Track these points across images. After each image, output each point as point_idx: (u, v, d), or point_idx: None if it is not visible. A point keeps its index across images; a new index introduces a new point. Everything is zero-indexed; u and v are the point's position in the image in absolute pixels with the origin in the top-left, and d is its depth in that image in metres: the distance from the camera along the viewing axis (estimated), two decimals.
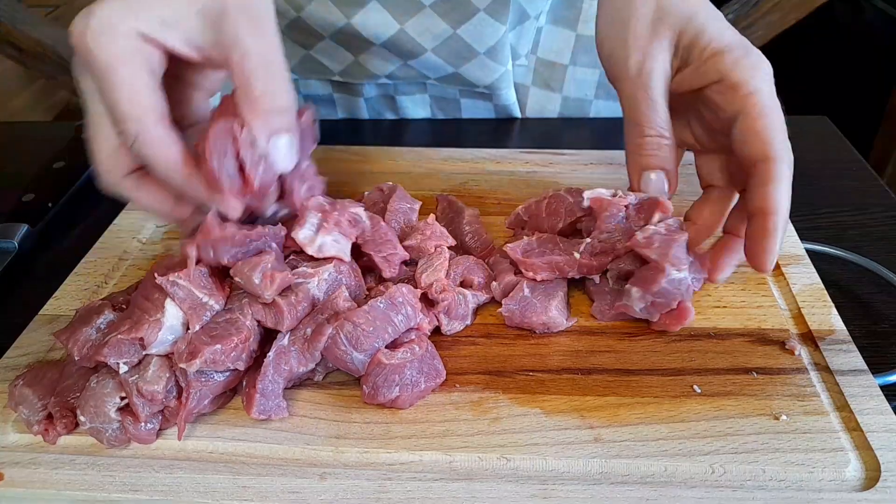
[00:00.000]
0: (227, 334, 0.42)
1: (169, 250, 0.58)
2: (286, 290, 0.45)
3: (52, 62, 1.69)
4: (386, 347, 0.45)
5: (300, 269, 0.46)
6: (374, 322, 0.44)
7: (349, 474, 0.40)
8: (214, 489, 0.40)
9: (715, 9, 0.49)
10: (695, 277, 0.47)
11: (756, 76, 0.45)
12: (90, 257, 0.57)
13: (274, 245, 0.46)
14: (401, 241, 0.52)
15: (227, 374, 0.43)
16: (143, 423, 0.41)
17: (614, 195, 0.50)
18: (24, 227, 0.61)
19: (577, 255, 0.50)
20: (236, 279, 0.44)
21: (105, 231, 0.60)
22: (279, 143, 0.42)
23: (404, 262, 0.52)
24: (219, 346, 0.41)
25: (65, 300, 0.53)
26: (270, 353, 0.43)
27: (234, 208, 0.43)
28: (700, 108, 0.49)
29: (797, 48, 1.79)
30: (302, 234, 0.47)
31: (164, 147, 0.41)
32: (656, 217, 0.48)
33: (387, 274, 0.50)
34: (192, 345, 0.42)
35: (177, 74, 0.44)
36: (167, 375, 0.42)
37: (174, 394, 0.42)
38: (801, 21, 1.52)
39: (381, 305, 0.45)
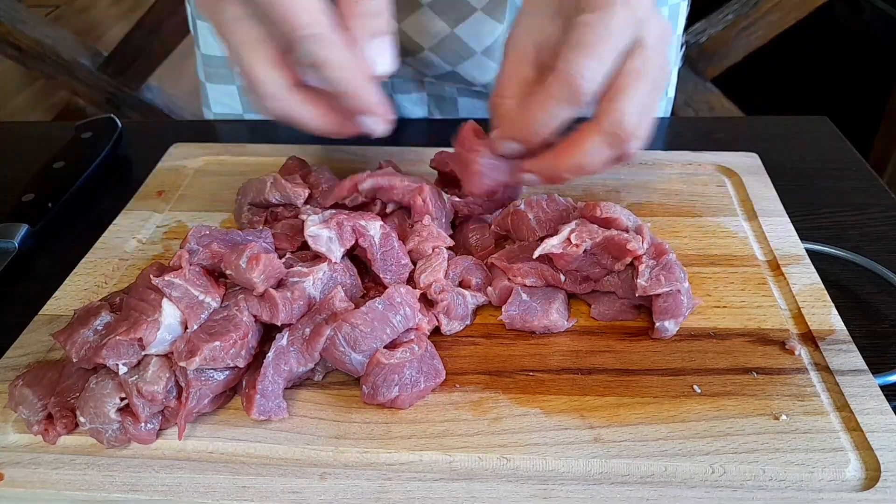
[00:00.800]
0: (226, 331, 0.42)
1: (169, 250, 0.58)
2: (280, 286, 0.45)
3: (52, 62, 1.69)
4: (385, 347, 0.45)
5: (295, 269, 0.46)
6: (372, 323, 0.44)
7: (349, 474, 0.40)
8: (214, 489, 0.40)
9: None
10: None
11: (607, 7, 0.42)
12: (90, 257, 0.57)
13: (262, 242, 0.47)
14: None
15: (227, 372, 0.43)
16: (143, 424, 0.41)
17: (567, 243, 0.49)
18: (24, 227, 0.61)
19: (562, 278, 0.51)
20: (227, 272, 0.44)
21: (105, 231, 0.60)
22: (377, 44, 0.46)
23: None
24: (218, 343, 0.41)
25: (65, 300, 0.53)
26: (270, 354, 0.43)
27: (387, 123, 0.47)
28: None
29: (797, 48, 1.79)
30: (311, 218, 0.48)
31: (340, 49, 0.43)
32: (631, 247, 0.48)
33: (388, 282, 0.50)
34: (191, 343, 0.42)
35: None
36: (167, 375, 0.42)
37: (174, 394, 0.42)
38: (801, 21, 1.52)
39: (380, 306, 0.45)
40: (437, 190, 0.55)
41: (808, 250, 0.56)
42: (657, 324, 0.48)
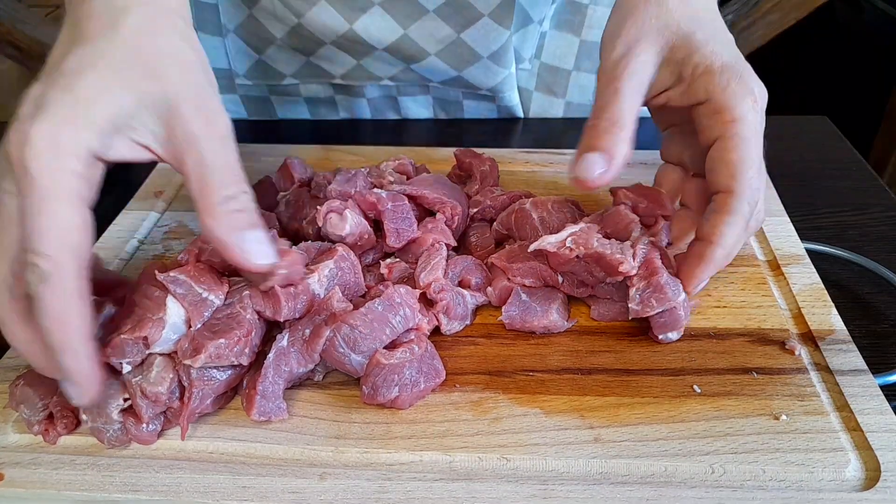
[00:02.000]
0: (230, 329, 0.42)
1: (169, 250, 0.58)
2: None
3: None
4: (385, 348, 0.45)
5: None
6: (371, 324, 0.44)
7: (349, 474, 0.40)
8: (215, 489, 0.40)
9: (722, 30, 0.49)
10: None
11: (743, 104, 0.45)
12: None
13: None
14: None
15: (230, 372, 0.43)
16: (145, 425, 0.41)
17: (562, 245, 0.49)
18: None
19: (560, 279, 0.51)
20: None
21: (105, 231, 0.60)
22: (248, 238, 0.40)
23: (405, 261, 0.52)
24: (222, 340, 0.41)
25: None
26: (270, 355, 0.43)
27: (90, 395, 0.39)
28: (694, 129, 0.49)
29: (797, 48, 1.79)
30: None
31: (72, 306, 0.36)
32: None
33: (391, 243, 0.51)
34: (195, 341, 0.42)
35: None
36: (171, 376, 0.42)
37: (177, 394, 0.42)
38: (801, 21, 1.52)
39: (379, 307, 0.45)
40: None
41: (808, 250, 0.56)
42: (659, 336, 0.48)
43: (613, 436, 0.42)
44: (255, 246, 0.40)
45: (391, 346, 0.45)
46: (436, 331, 0.49)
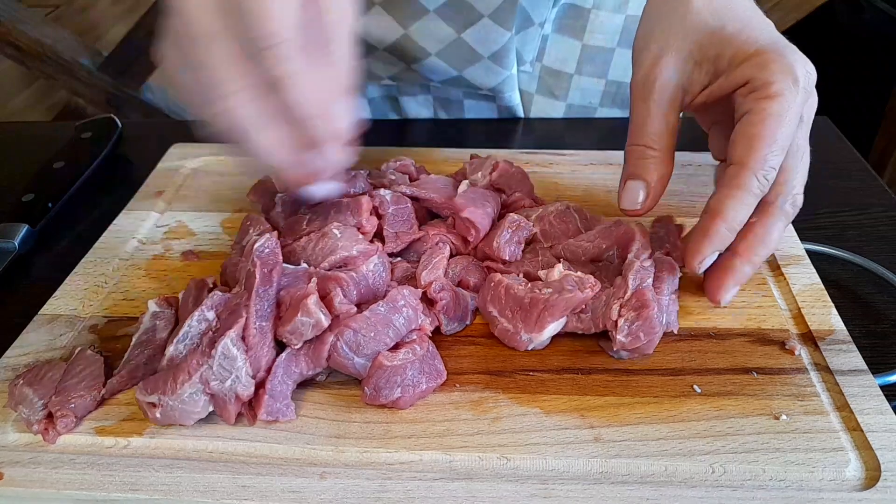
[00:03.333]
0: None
1: (169, 250, 0.58)
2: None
3: (52, 62, 1.69)
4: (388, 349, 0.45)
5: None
6: (375, 327, 0.44)
7: (349, 474, 0.40)
8: (214, 488, 0.40)
9: (756, 15, 0.48)
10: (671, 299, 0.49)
11: (782, 81, 0.43)
12: (90, 257, 0.57)
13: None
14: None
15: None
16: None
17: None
18: (24, 227, 0.61)
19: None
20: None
21: (105, 231, 0.60)
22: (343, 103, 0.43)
23: (406, 259, 0.52)
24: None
25: (65, 300, 0.53)
26: (283, 354, 0.43)
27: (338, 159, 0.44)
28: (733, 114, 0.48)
29: (797, 48, 1.79)
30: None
31: (314, 67, 0.40)
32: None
33: (389, 248, 0.52)
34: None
35: None
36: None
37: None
38: (801, 21, 1.52)
39: (382, 309, 0.45)
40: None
41: (808, 250, 0.56)
42: (611, 353, 0.47)
43: (613, 435, 0.42)
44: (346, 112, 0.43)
45: (393, 346, 0.45)
46: (436, 330, 0.49)
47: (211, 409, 0.42)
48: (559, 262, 0.50)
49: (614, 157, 0.68)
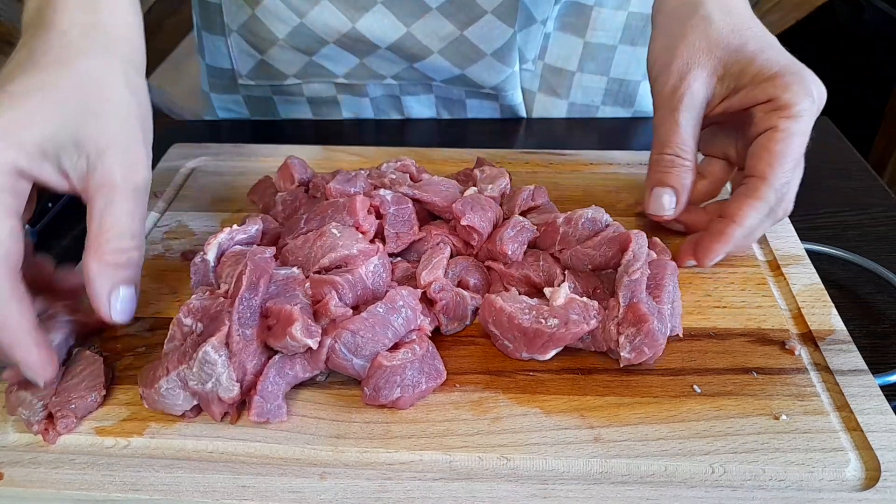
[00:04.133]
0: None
1: (169, 250, 0.58)
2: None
3: None
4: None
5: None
6: (373, 328, 0.44)
7: (349, 474, 0.40)
8: (214, 488, 0.40)
9: (768, 35, 0.51)
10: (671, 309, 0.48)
11: (803, 102, 0.47)
12: None
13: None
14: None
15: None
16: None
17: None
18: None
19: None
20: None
21: None
22: (119, 295, 0.43)
23: (406, 259, 0.52)
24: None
25: None
26: (276, 357, 0.43)
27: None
28: (745, 125, 0.51)
29: (797, 48, 1.79)
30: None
31: (9, 307, 0.39)
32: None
33: (389, 248, 0.52)
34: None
35: None
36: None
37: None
38: (801, 21, 1.52)
39: (381, 310, 0.44)
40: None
41: (808, 250, 0.56)
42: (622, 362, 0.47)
43: (613, 435, 0.42)
44: (120, 302, 0.43)
45: (393, 346, 0.45)
46: (436, 330, 0.49)
47: (195, 402, 0.43)
48: (562, 271, 0.50)
49: (614, 157, 0.68)
